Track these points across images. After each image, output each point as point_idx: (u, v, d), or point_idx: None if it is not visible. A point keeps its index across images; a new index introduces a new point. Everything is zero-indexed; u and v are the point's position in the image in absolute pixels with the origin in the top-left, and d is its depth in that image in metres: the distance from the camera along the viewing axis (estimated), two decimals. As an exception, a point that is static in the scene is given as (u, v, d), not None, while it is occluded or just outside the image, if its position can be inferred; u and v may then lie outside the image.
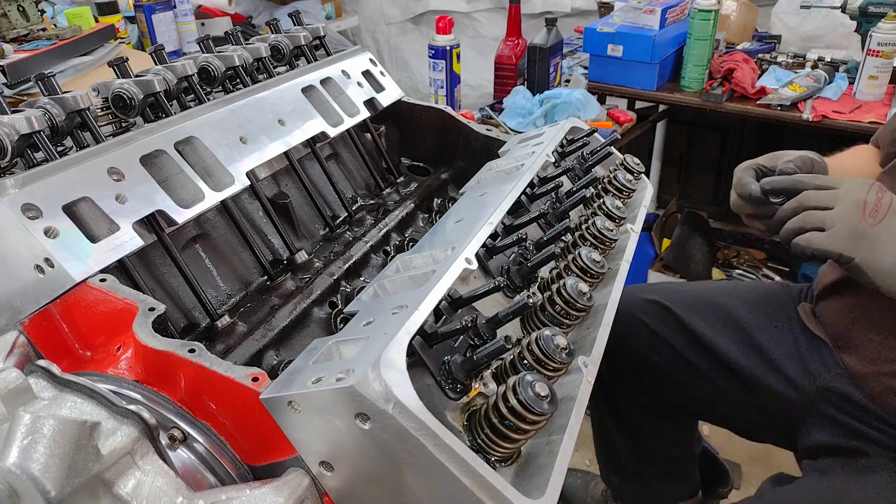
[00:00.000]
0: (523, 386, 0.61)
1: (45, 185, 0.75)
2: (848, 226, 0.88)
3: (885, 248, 0.87)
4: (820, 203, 0.91)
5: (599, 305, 0.85)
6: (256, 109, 1.04)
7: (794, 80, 2.22)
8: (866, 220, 0.88)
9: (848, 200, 0.89)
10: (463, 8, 3.77)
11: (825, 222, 0.90)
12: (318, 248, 1.10)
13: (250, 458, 0.66)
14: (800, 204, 0.93)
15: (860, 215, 0.88)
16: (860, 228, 0.88)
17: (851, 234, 0.88)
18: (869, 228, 0.87)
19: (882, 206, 0.89)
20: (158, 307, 0.71)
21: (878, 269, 0.88)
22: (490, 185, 1.01)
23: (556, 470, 0.60)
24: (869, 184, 0.92)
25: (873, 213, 0.88)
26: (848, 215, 0.88)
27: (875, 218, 0.88)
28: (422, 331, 0.65)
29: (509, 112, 2.12)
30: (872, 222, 0.88)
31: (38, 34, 2.23)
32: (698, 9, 2.21)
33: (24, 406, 0.52)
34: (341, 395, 0.54)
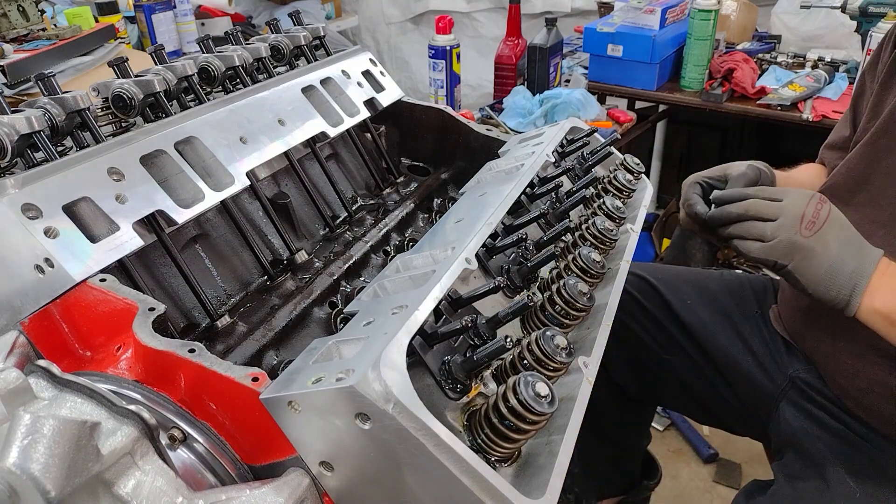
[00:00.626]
0: (523, 386, 0.61)
1: (45, 185, 0.75)
2: (786, 238, 0.94)
3: (817, 258, 0.93)
4: (764, 214, 0.96)
5: (599, 305, 0.85)
6: (256, 109, 1.04)
7: (794, 80, 2.22)
8: (802, 232, 0.93)
9: (788, 214, 0.95)
10: (463, 8, 3.77)
11: (765, 235, 0.96)
12: (318, 248, 1.10)
13: (250, 458, 0.66)
14: (745, 211, 0.98)
15: (797, 227, 0.94)
16: (795, 240, 0.93)
17: (788, 245, 0.94)
18: (804, 240, 0.93)
19: (819, 217, 0.94)
20: (158, 307, 0.71)
21: (809, 277, 0.94)
22: (490, 185, 1.01)
23: (556, 470, 0.60)
24: (810, 195, 0.96)
25: (810, 224, 0.94)
26: (787, 228, 0.94)
27: (811, 230, 0.93)
28: (422, 331, 0.65)
29: (509, 112, 2.12)
30: (808, 234, 0.93)
31: (38, 34, 2.23)
32: (698, 9, 2.21)
33: (24, 406, 0.52)
34: (341, 395, 0.54)
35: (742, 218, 0.99)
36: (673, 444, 2.28)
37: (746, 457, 2.20)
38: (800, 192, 0.97)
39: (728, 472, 2.17)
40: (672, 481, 2.14)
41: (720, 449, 2.22)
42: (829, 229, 0.94)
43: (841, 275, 0.93)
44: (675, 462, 2.22)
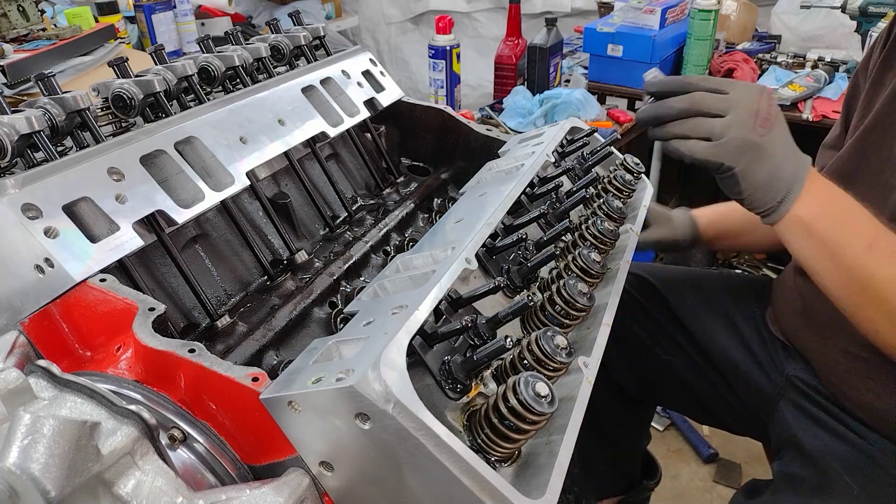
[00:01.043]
0: (523, 386, 0.61)
1: (45, 185, 0.75)
2: (739, 136, 0.84)
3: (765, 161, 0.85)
4: (712, 109, 0.85)
5: (599, 305, 0.85)
6: (256, 109, 1.04)
7: (794, 80, 2.22)
8: (756, 129, 0.84)
9: (741, 108, 0.84)
10: (463, 8, 3.77)
11: (714, 132, 0.85)
12: (318, 248, 1.10)
13: (250, 458, 0.66)
14: (690, 105, 0.87)
15: (752, 125, 0.84)
16: (749, 138, 0.84)
17: (741, 144, 0.84)
18: (758, 138, 0.84)
19: (772, 113, 0.86)
20: (158, 307, 0.71)
21: (752, 180, 0.86)
22: (490, 185, 1.01)
23: (556, 470, 0.60)
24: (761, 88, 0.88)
25: (765, 121, 0.84)
26: (740, 125, 0.84)
27: (766, 127, 0.84)
28: (422, 331, 0.65)
29: (509, 112, 2.12)
30: (762, 132, 0.84)
31: (38, 34, 2.23)
32: (698, 9, 2.21)
33: (24, 406, 0.52)
34: (341, 395, 0.54)
35: (686, 113, 0.87)
36: (673, 444, 2.29)
37: (746, 457, 2.20)
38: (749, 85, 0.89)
39: (728, 472, 2.17)
40: (672, 481, 2.14)
41: (720, 449, 2.22)
42: (779, 128, 0.86)
43: (780, 178, 0.86)
44: (675, 462, 2.22)
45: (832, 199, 0.90)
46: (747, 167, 0.85)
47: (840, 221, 0.88)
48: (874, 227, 0.88)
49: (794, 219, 0.88)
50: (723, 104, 0.86)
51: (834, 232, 0.87)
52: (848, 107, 1.24)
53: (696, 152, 0.86)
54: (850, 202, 0.90)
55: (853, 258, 0.87)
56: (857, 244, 0.87)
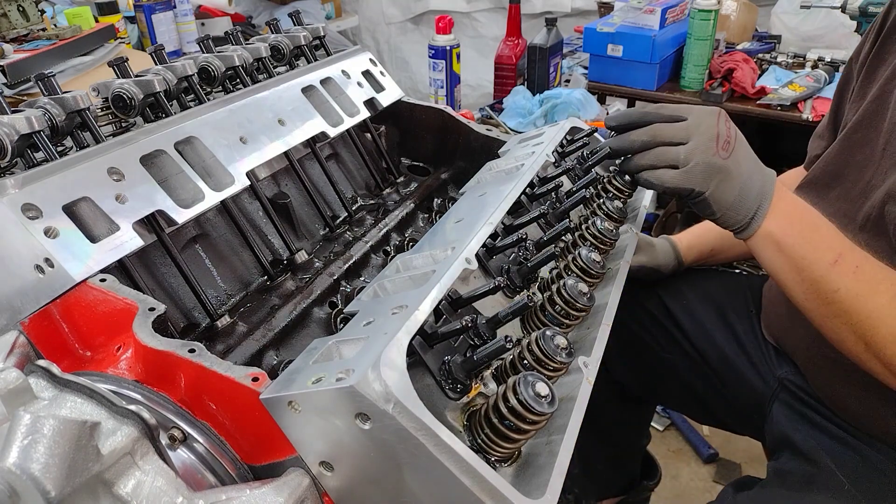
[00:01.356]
0: (523, 386, 0.61)
1: (45, 185, 0.75)
2: (703, 161, 0.86)
3: (732, 181, 0.87)
4: (673, 138, 0.89)
5: (599, 305, 0.85)
6: (256, 109, 1.04)
7: (794, 80, 2.22)
8: (719, 153, 0.87)
9: (701, 134, 0.87)
10: (463, 8, 3.77)
11: (679, 159, 0.88)
12: (318, 248, 1.10)
13: (250, 458, 0.66)
14: (652, 137, 0.90)
15: (714, 149, 0.87)
16: (714, 163, 0.86)
17: (706, 169, 0.87)
18: (722, 162, 0.87)
19: (732, 135, 0.89)
20: (158, 307, 0.71)
21: (722, 201, 0.88)
22: (490, 185, 1.01)
23: (556, 470, 0.60)
24: (717, 112, 0.91)
25: (726, 144, 0.87)
26: (702, 150, 0.87)
27: (727, 150, 0.87)
28: (422, 331, 0.65)
29: (509, 112, 2.12)
30: (725, 155, 0.87)
31: (38, 34, 2.23)
32: (698, 9, 2.21)
33: (24, 406, 0.52)
34: (341, 395, 0.54)
35: (648, 145, 0.90)
36: (673, 444, 2.28)
37: (746, 457, 2.20)
38: (705, 109, 0.91)
39: (728, 472, 2.17)
40: (672, 481, 2.14)
41: (720, 449, 2.22)
42: (739, 148, 0.89)
43: (749, 196, 0.89)
44: (675, 462, 2.21)
45: (800, 215, 0.93)
46: (716, 190, 0.88)
47: (807, 237, 0.90)
48: (840, 242, 0.90)
49: (765, 234, 0.90)
50: (683, 132, 0.88)
51: (802, 247, 0.90)
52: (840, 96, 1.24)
53: (666, 181, 0.89)
54: (817, 218, 0.93)
55: (819, 273, 0.89)
56: (823, 259, 0.89)
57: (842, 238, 0.91)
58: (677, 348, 1.34)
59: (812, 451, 1.09)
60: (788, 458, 1.13)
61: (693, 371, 1.33)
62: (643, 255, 1.31)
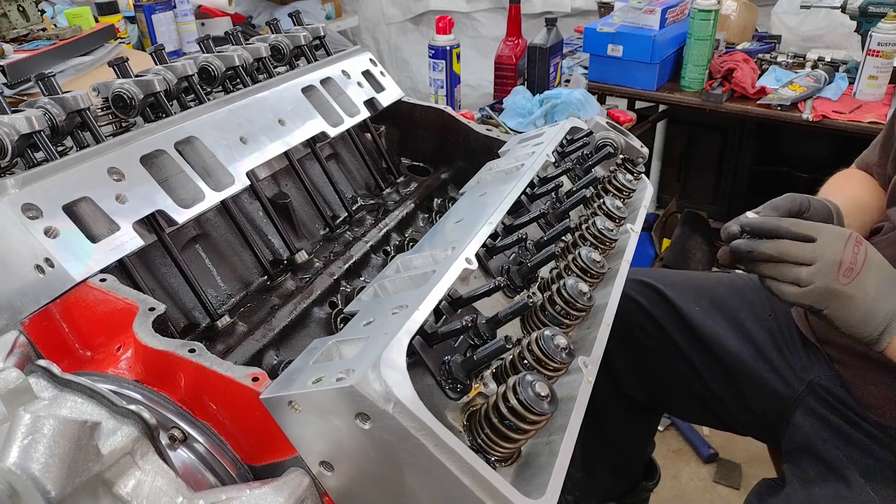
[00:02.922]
0: (523, 386, 0.61)
1: (46, 185, 0.75)
2: (823, 286, 0.91)
3: (855, 304, 0.91)
4: (798, 258, 0.93)
5: (599, 305, 0.85)
6: (256, 109, 1.04)
7: (794, 80, 2.22)
8: (840, 279, 0.91)
9: (825, 260, 0.92)
10: (463, 8, 3.77)
11: (801, 279, 0.93)
12: (318, 248, 1.10)
13: (250, 458, 0.66)
14: (778, 254, 0.94)
15: (835, 275, 0.91)
16: (833, 288, 0.91)
17: (825, 293, 0.92)
18: (842, 288, 0.91)
19: (857, 262, 0.92)
20: (158, 307, 0.71)
21: (846, 321, 0.93)
22: (490, 185, 1.01)
23: (556, 470, 0.60)
24: (846, 237, 0.94)
25: (848, 271, 0.91)
26: (824, 275, 0.91)
27: (849, 277, 0.91)
28: (422, 331, 0.65)
29: (509, 112, 2.12)
30: (846, 282, 0.91)
31: (38, 34, 2.23)
32: (698, 9, 2.21)
33: (24, 406, 0.52)
34: (341, 395, 0.54)
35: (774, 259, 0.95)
36: (673, 444, 2.29)
37: (746, 457, 2.20)
38: (836, 233, 0.94)
39: (728, 472, 2.17)
40: (672, 481, 2.14)
41: (720, 449, 2.22)
42: (866, 273, 0.92)
43: (876, 317, 0.92)
44: (675, 462, 2.22)
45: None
46: (836, 311, 0.92)
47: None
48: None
49: None
50: (808, 254, 0.92)
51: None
52: None
53: (787, 296, 0.94)
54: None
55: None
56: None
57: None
58: (687, 357, 1.33)
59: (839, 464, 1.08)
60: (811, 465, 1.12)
61: (704, 379, 1.31)
62: None
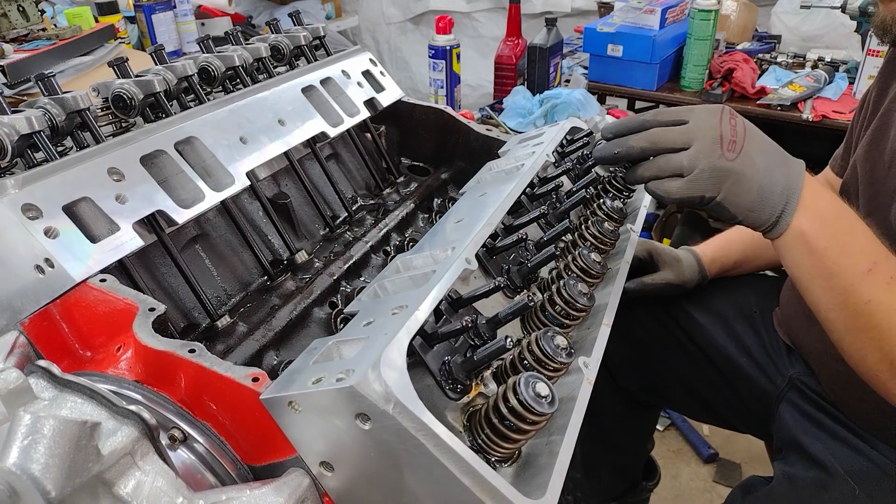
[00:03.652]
0: (523, 386, 0.61)
1: (45, 185, 0.75)
2: (709, 166, 0.80)
3: (748, 181, 0.81)
4: (674, 143, 0.83)
5: (599, 305, 0.85)
6: (256, 109, 1.04)
7: (794, 80, 2.22)
8: (725, 155, 0.80)
9: (703, 137, 0.81)
10: (463, 8, 3.77)
11: (683, 167, 0.82)
12: (318, 248, 1.10)
13: (250, 458, 0.66)
14: (651, 144, 0.84)
15: (719, 151, 0.80)
16: (721, 166, 0.80)
17: (713, 174, 0.81)
18: (729, 164, 0.80)
19: (738, 134, 0.82)
20: (158, 307, 0.71)
21: (742, 205, 0.83)
22: (490, 185, 1.01)
23: (556, 470, 0.60)
24: (719, 109, 0.84)
25: (731, 144, 0.81)
26: (706, 154, 0.81)
27: (734, 150, 0.81)
28: (422, 331, 0.65)
29: (509, 112, 2.12)
30: (732, 156, 0.80)
31: (38, 34, 2.23)
32: (698, 9, 2.21)
33: (24, 406, 0.52)
34: (341, 395, 0.54)
35: (648, 152, 0.84)
36: (673, 444, 2.28)
37: (746, 457, 2.20)
38: (706, 108, 0.84)
39: (728, 472, 2.17)
40: (672, 481, 2.14)
41: (720, 449, 2.22)
42: (750, 144, 0.82)
43: (772, 193, 0.82)
44: (675, 462, 2.22)
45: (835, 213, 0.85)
46: (729, 194, 0.82)
47: (841, 240, 0.84)
48: (876, 248, 0.84)
49: (796, 233, 0.84)
50: (683, 136, 0.83)
51: (834, 251, 0.83)
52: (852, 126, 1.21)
53: (672, 192, 0.84)
54: (854, 219, 0.85)
55: (850, 281, 0.82)
56: (856, 266, 0.82)
57: (879, 244, 0.84)
58: (681, 352, 1.34)
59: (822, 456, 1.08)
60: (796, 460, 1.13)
61: (697, 373, 1.33)
62: (670, 272, 1.29)
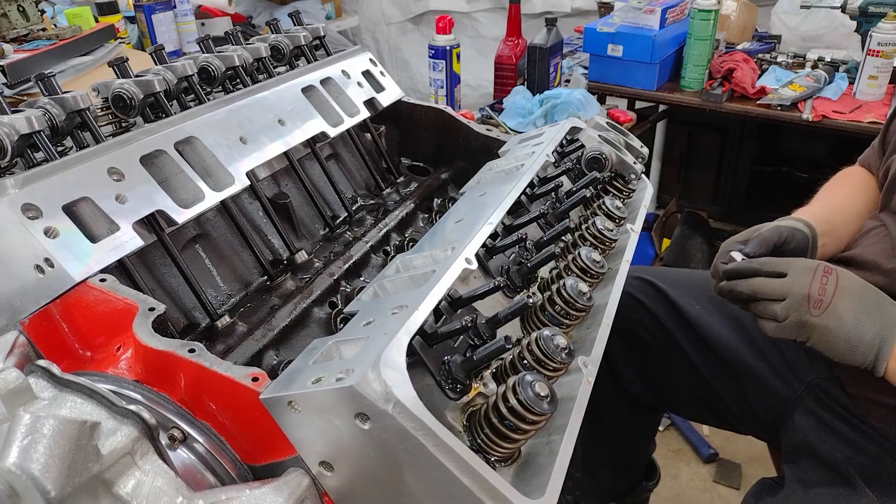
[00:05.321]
0: (523, 386, 0.61)
1: (45, 185, 0.75)
2: (796, 320, 0.96)
3: (833, 334, 0.94)
4: (770, 295, 0.98)
5: (599, 305, 0.85)
6: (256, 109, 1.04)
7: (794, 80, 2.22)
8: (811, 312, 0.95)
9: (794, 294, 0.96)
10: (463, 8, 3.76)
11: (777, 315, 0.98)
12: (318, 248, 1.10)
13: (250, 458, 0.66)
14: (752, 293, 1.00)
15: (805, 308, 0.95)
16: (807, 321, 0.95)
17: (799, 326, 0.96)
18: (815, 319, 0.95)
19: (826, 293, 0.96)
20: (158, 307, 0.71)
21: (831, 350, 0.95)
22: (490, 185, 1.01)
23: (556, 470, 0.60)
24: (814, 269, 0.98)
25: (818, 303, 0.96)
26: (795, 310, 0.96)
27: (819, 308, 0.95)
28: (422, 331, 0.65)
29: (509, 112, 2.12)
30: (817, 313, 0.95)
31: (38, 34, 2.23)
32: (698, 9, 2.21)
33: (24, 406, 0.52)
34: (341, 395, 0.54)
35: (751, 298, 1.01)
36: (673, 444, 2.28)
37: (746, 457, 2.20)
38: (803, 265, 0.98)
39: (728, 472, 2.17)
40: (672, 481, 2.14)
41: (720, 449, 2.22)
42: (839, 302, 0.95)
43: (861, 344, 0.94)
44: (675, 462, 2.22)
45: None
46: (817, 341, 0.95)
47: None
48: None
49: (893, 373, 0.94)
50: (779, 290, 0.98)
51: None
52: None
53: (768, 331, 1.00)
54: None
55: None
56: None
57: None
58: (688, 356, 1.33)
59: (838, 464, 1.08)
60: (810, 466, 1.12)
61: (705, 377, 1.31)
62: None
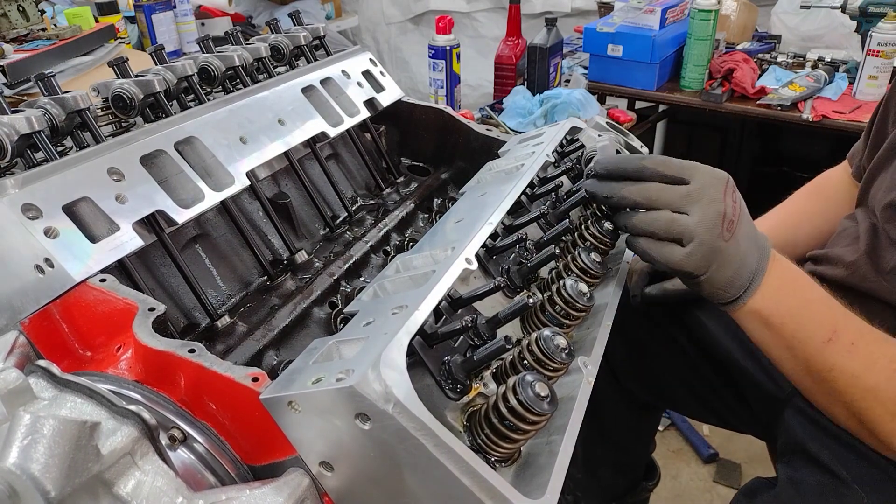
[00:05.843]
0: (523, 386, 0.61)
1: (45, 185, 0.75)
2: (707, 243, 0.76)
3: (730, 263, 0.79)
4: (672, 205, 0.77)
5: (599, 305, 0.85)
6: (256, 109, 1.04)
7: (794, 80, 2.22)
8: (723, 234, 0.76)
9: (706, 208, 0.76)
10: (463, 8, 3.77)
11: (684, 235, 0.77)
12: (318, 248, 1.10)
13: (250, 458, 0.66)
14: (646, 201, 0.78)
15: (719, 228, 0.76)
16: (717, 246, 0.76)
17: (709, 253, 0.77)
18: (724, 245, 0.77)
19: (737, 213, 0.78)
20: (158, 307, 0.71)
21: (715, 283, 0.80)
22: (490, 185, 1.01)
23: (556, 470, 0.60)
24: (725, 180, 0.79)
25: (731, 224, 0.77)
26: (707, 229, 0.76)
27: (731, 231, 0.77)
28: (422, 331, 0.65)
29: (509, 112, 2.12)
30: (728, 236, 0.77)
31: (38, 34, 2.23)
32: (698, 9, 2.21)
33: (24, 406, 0.52)
34: (341, 395, 0.54)
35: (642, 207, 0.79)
36: (673, 444, 2.29)
37: (746, 457, 2.20)
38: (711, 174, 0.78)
39: (728, 472, 2.17)
40: (672, 481, 2.14)
41: (720, 449, 2.22)
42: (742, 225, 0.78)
43: (742, 276, 0.81)
44: (675, 462, 2.22)
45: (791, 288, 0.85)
46: (713, 274, 0.79)
47: (798, 314, 0.83)
48: (834, 317, 0.84)
49: (751, 312, 0.83)
50: (684, 199, 0.77)
51: (791, 325, 0.83)
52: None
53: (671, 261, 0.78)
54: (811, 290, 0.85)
55: (811, 352, 0.83)
56: (815, 338, 0.83)
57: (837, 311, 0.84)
58: (685, 354, 1.34)
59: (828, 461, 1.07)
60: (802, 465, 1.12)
61: (701, 376, 1.32)
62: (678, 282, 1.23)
